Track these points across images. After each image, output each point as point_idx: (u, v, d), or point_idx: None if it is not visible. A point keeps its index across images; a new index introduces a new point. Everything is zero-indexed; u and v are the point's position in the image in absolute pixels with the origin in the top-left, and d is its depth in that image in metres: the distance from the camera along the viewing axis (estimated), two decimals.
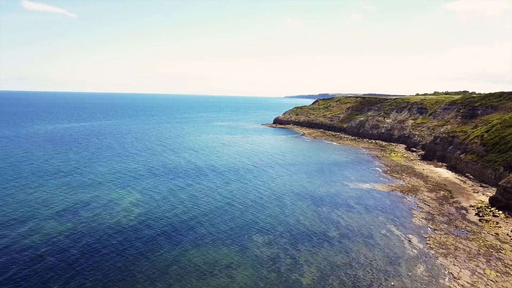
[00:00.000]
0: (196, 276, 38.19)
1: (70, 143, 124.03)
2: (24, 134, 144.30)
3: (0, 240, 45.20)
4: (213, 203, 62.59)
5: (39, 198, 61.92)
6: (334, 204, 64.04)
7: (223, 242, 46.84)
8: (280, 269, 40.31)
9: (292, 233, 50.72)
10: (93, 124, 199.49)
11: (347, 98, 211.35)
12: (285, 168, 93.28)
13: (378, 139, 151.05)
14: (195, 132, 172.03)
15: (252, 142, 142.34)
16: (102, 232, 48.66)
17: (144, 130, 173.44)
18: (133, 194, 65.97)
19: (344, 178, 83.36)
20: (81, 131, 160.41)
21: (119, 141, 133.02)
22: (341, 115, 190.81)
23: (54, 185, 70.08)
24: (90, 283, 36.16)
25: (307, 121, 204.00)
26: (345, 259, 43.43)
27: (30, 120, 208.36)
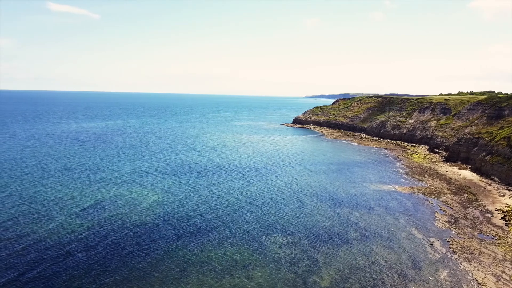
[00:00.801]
0: (214, 276, 38.29)
1: (95, 141, 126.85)
2: (50, 132, 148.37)
3: (30, 236, 46.42)
4: (233, 202, 62.72)
5: (66, 195, 63.44)
6: (354, 206, 63.19)
7: (241, 242, 46.82)
8: (298, 271, 39.99)
9: (311, 234, 50.28)
10: (116, 123, 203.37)
11: (368, 98, 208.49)
12: (304, 168, 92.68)
13: (399, 140, 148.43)
14: (215, 132, 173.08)
15: (272, 142, 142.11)
16: (127, 230, 49.44)
17: (166, 129, 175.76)
18: (156, 192, 66.78)
19: (365, 179, 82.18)
20: (104, 130, 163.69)
21: (142, 139, 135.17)
22: (361, 115, 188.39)
23: (80, 182, 71.70)
24: (114, 280, 36.74)
25: (327, 121, 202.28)
26: (365, 261, 42.75)
27: (55, 119, 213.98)
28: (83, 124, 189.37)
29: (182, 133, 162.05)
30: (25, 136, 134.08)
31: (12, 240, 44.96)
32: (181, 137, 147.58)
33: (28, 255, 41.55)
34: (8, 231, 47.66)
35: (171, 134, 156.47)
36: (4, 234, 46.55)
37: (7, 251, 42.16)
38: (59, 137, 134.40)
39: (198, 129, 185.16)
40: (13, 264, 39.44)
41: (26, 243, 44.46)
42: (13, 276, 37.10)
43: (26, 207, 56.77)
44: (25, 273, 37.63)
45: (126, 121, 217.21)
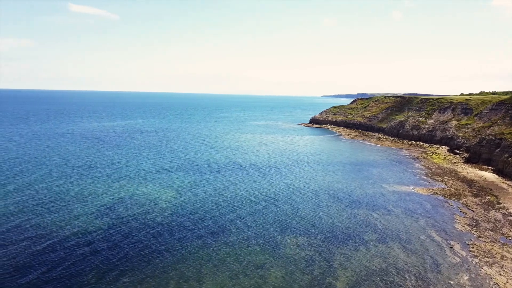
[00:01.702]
0: (229, 275, 38.29)
1: (116, 140, 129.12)
2: (73, 131, 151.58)
3: (57, 232, 47.39)
4: (250, 202, 62.65)
5: (90, 193, 64.64)
6: (371, 207, 62.31)
7: (257, 242, 46.70)
8: (314, 272, 39.62)
9: (327, 235, 49.80)
10: (136, 122, 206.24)
11: (387, 98, 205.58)
12: (322, 168, 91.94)
13: (418, 140, 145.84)
14: (232, 131, 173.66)
15: (289, 141, 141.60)
16: (147, 228, 50.00)
17: (184, 129, 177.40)
18: (176, 191, 67.37)
19: (382, 180, 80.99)
20: (124, 129, 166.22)
21: (162, 138, 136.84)
22: (380, 115, 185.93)
23: (102, 180, 72.95)
24: (131, 278, 37.17)
25: (345, 121, 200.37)
26: (382, 264, 42.08)
27: (76, 118, 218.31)
28: (104, 123, 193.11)
29: (200, 132, 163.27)
30: (49, 135, 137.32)
31: (39, 237, 45.92)
32: (200, 136, 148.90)
33: (56, 252, 42.34)
34: (35, 228, 48.74)
35: (189, 133, 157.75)
36: (31, 231, 47.60)
37: (35, 248, 43.05)
38: (81, 136, 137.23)
39: (215, 128, 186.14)
40: (41, 260, 40.20)
41: (52, 239, 45.44)
42: (41, 271, 37.84)
43: (52, 204, 58.09)
44: (53, 269, 38.38)
45: (145, 120, 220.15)
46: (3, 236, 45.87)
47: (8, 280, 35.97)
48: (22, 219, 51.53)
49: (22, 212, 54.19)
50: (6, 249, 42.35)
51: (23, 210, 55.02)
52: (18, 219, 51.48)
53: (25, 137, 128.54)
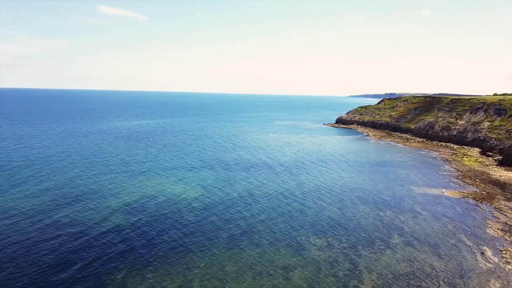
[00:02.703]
0: (252, 275, 38.32)
1: (146, 139, 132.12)
2: (105, 129, 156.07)
3: (94, 228, 48.81)
4: (274, 201, 62.54)
5: (124, 190, 66.31)
6: (399, 209, 60.96)
7: (280, 243, 46.53)
8: (338, 274, 39.12)
9: (352, 237, 49.08)
10: (164, 121, 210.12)
11: (415, 98, 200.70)
12: (348, 169, 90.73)
13: (448, 141, 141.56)
14: (258, 131, 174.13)
15: (315, 141, 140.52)
16: (175, 225, 50.79)
17: (211, 128, 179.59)
18: (206, 189, 68.09)
19: (410, 182, 79.11)
20: (154, 128, 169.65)
21: (190, 137, 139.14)
22: (408, 116, 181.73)
23: (134, 178, 74.75)
24: (155, 274, 37.84)
25: (372, 122, 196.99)
26: (409, 268, 41.08)
27: (108, 117, 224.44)
28: (134, 122, 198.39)
29: (227, 132, 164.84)
30: (82, 133, 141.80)
31: (77, 233, 47.31)
32: (227, 136, 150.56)
33: (92, 248, 43.54)
34: (72, 224, 50.31)
35: (216, 133, 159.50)
36: (69, 227, 49.13)
37: (73, 243, 44.39)
38: (113, 134, 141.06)
39: (242, 128, 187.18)
40: (78, 256, 41.38)
41: (89, 235, 46.76)
42: (78, 267, 38.93)
43: (88, 200, 59.88)
44: (90, 264, 39.48)
45: (173, 120, 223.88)
46: (44, 231, 47.45)
47: (50, 274, 37.15)
48: (60, 215, 53.22)
49: (60, 208, 55.99)
50: (47, 244, 43.77)
51: (61, 206, 56.85)
52: (56, 214, 53.22)
53: (59, 136, 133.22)
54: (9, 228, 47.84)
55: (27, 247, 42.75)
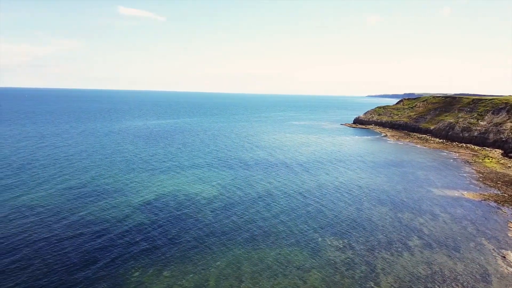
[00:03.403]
0: (267, 275, 38.37)
1: (163, 138, 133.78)
2: (125, 129, 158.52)
3: (101, 225, 49.84)
4: (291, 201, 62.46)
5: (145, 189, 67.34)
6: (417, 211, 60.06)
7: (296, 243, 46.45)
8: (355, 276, 38.82)
9: (369, 238, 48.62)
10: (181, 121, 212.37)
11: (435, 98, 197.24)
12: (365, 170, 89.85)
13: (469, 143, 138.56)
14: (275, 131, 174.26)
15: (332, 142, 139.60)
16: (191, 223, 51.32)
17: (229, 128, 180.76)
18: (225, 188, 68.60)
19: (429, 184, 77.83)
20: (171, 128, 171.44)
21: (207, 137, 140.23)
22: (427, 116, 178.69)
23: (155, 177, 75.79)
24: (172, 272, 38.32)
25: (390, 122, 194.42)
26: (427, 271, 40.46)
27: (126, 117, 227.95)
28: (153, 122, 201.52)
29: (246, 131, 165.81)
30: (103, 132, 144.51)
31: (98, 232, 48.17)
32: (245, 135, 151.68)
33: (111, 246, 44.38)
34: (96, 222, 51.35)
35: (234, 132, 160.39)
36: (93, 225, 50.13)
37: (97, 241, 45.36)
38: (133, 134, 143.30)
39: (258, 128, 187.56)
40: (97, 254, 42.18)
41: (111, 232, 47.60)
42: (99, 265, 39.71)
43: (111, 199, 60.96)
44: (110, 262, 40.24)
45: (191, 120, 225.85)
46: (68, 228, 48.51)
47: (76, 272, 37.96)
48: (83, 212, 54.28)
49: (83, 206, 57.10)
50: (72, 242, 44.67)
51: (84, 204, 57.96)
52: (79, 212, 54.32)
53: (81, 135, 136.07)
54: (35, 225, 49.07)
55: (53, 244, 43.78)
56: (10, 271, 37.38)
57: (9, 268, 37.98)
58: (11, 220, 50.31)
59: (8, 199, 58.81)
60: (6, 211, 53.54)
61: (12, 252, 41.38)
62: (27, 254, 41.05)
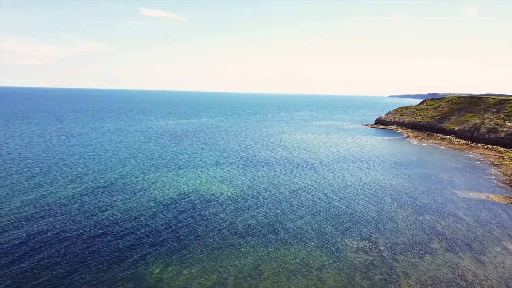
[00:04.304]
0: (286, 275, 38.17)
1: (182, 138, 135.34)
2: (148, 128, 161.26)
3: (128, 223, 50.74)
4: (311, 201, 62.02)
5: (160, 188, 68.02)
6: (440, 214, 58.65)
7: (315, 243, 46.07)
8: (375, 278, 38.18)
9: (389, 241, 47.76)
10: (200, 121, 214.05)
11: (460, 98, 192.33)
12: (386, 171, 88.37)
13: (495, 144, 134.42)
14: (297, 131, 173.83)
15: (353, 142, 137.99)
16: (211, 222, 51.66)
17: (249, 128, 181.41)
18: (245, 187, 68.89)
19: (453, 186, 75.92)
20: (190, 127, 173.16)
21: (230, 136, 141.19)
22: (451, 117, 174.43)
23: (171, 176, 76.58)
24: (190, 270, 38.60)
25: (413, 122, 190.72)
26: (450, 275, 39.43)
27: (148, 116, 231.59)
28: (174, 121, 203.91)
29: (267, 131, 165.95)
30: (131, 132, 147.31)
31: (124, 230, 49.05)
32: (267, 135, 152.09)
33: (134, 245, 45.13)
34: (119, 221, 52.41)
35: (255, 132, 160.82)
36: (116, 225, 51.16)
37: (122, 240, 46.24)
38: (158, 133, 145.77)
39: (280, 128, 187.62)
40: (120, 248, 43.12)
41: (136, 231, 48.47)
42: (121, 259, 40.51)
43: (127, 197, 61.93)
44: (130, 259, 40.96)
45: (209, 119, 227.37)
46: (98, 226, 49.53)
47: (110, 270, 38.84)
48: (113, 210, 55.35)
49: (112, 204, 57.91)
50: (101, 239, 45.65)
51: (114, 202, 58.84)
52: (109, 210, 55.38)
53: (107, 134, 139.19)
54: (67, 221, 50.22)
55: (84, 241, 44.67)
56: (43, 266, 38.35)
57: (42, 263, 38.98)
58: (44, 217, 51.70)
59: (40, 196, 60.48)
60: (39, 208, 55.03)
61: (44, 248, 42.48)
62: (59, 250, 42.10)
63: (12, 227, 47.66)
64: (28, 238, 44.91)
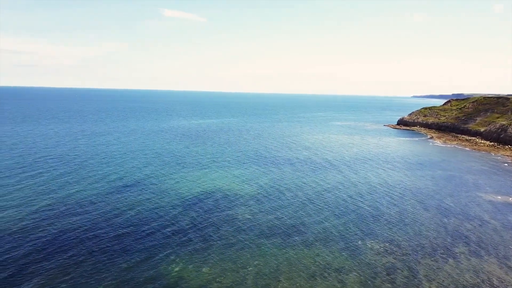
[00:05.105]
0: (305, 276, 38.26)
1: (204, 137, 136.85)
2: (171, 128, 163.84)
3: (154, 221, 51.85)
4: (331, 203, 61.83)
5: (184, 187, 69.20)
6: (464, 217, 57.48)
7: (336, 244, 45.95)
8: (396, 281, 37.85)
9: (411, 243, 47.18)
10: (221, 120, 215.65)
11: (486, 99, 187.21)
12: (409, 173, 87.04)
13: None
14: (317, 131, 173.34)
15: (374, 143, 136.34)
16: (237, 223, 52.20)
17: (271, 128, 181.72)
18: (264, 188, 69.23)
19: (478, 188, 74.20)
20: (210, 127, 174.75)
21: (253, 137, 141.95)
22: (477, 118, 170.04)
23: (194, 175, 77.68)
24: (210, 269, 39.19)
25: (436, 123, 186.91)
26: (474, 279, 38.69)
27: (168, 116, 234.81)
28: (193, 121, 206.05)
29: (289, 131, 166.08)
30: (155, 131, 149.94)
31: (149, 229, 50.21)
32: (289, 135, 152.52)
33: (156, 243, 46.01)
34: (138, 218, 53.67)
35: (278, 132, 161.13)
36: (140, 225, 52.38)
37: (138, 235, 47.49)
38: (181, 133, 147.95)
39: (301, 128, 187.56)
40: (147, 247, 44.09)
41: (152, 230, 49.55)
42: (144, 257, 41.44)
43: (150, 196, 63.13)
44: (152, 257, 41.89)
45: (230, 119, 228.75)
46: (127, 224, 50.98)
47: (135, 268, 39.92)
48: (137, 209, 56.56)
49: (139, 203, 59.30)
50: (131, 238, 47.02)
51: (140, 201, 60.11)
52: (133, 208, 56.70)
53: (132, 134, 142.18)
54: (97, 219, 51.69)
55: (113, 238, 45.85)
56: (73, 262, 39.62)
57: (73, 259, 40.34)
58: (74, 214, 53.32)
59: (70, 194, 62.40)
60: (68, 205, 56.79)
61: (75, 244, 43.87)
62: (89, 247, 43.38)
63: (44, 224, 49.38)
64: (59, 234, 46.42)
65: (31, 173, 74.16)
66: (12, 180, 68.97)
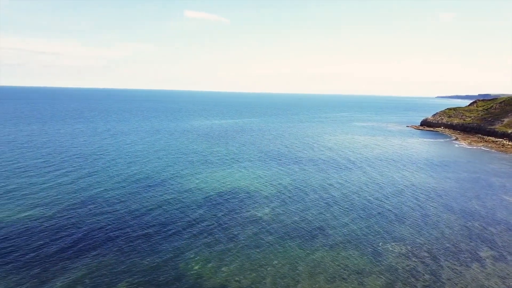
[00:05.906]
0: (325, 277, 38.41)
1: (225, 137, 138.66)
2: (193, 127, 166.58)
3: (181, 220, 53.03)
4: (356, 205, 61.62)
5: (209, 186, 70.39)
6: (490, 220, 56.30)
7: (356, 247, 45.87)
8: (417, 284, 37.57)
9: (434, 246, 46.63)
10: (242, 120, 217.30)
11: None
12: (432, 175, 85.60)
13: None
14: (339, 132, 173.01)
15: (397, 144, 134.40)
16: (260, 223, 52.77)
17: (293, 128, 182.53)
18: (287, 189, 69.64)
19: (505, 191, 72.40)
20: (232, 127, 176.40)
21: (276, 137, 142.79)
22: (505, 119, 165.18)
23: (220, 176, 78.66)
24: (229, 268, 39.86)
25: (461, 124, 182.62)
26: (499, 285, 37.99)
27: (191, 116, 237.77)
28: (216, 121, 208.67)
29: (311, 132, 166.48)
30: (180, 131, 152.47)
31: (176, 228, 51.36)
32: (311, 135, 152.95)
33: (177, 241, 47.11)
34: (162, 216, 54.97)
35: (301, 133, 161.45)
36: (168, 224, 53.79)
37: (166, 234, 48.60)
38: (197, 133, 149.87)
39: (322, 128, 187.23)
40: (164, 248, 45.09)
41: (174, 229, 50.61)
42: (168, 257, 42.37)
43: (175, 195, 64.48)
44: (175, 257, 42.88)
45: (251, 119, 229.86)
46: (138, 221, 52.43)
47: (143, 260, 41.18)
48: (164, 207, 57.95)
49: (165, 202, 60.72)
50: (160, 237, 48.28)
51: (165, 201, 61.48)
52: (161, 207, 58.12)
53: (158, 133, 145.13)
54: (125, 217, 53.25)
55: (142, 236, 47.23)
56: (106, 260, 41.03)
57: (106, 257, 41.75)
58: (103, 212, 54.92)
59: (99, 192, 64.34)
60: (98, 203, 58.55)
61: (106, 243, 45.36)
62: (120, 245, 44.82)
63: (73, 221, 51.15)
64: (88, 231, 48.04)
65: (59, 172, 76.75)
66: (41, 178, 71.58)
